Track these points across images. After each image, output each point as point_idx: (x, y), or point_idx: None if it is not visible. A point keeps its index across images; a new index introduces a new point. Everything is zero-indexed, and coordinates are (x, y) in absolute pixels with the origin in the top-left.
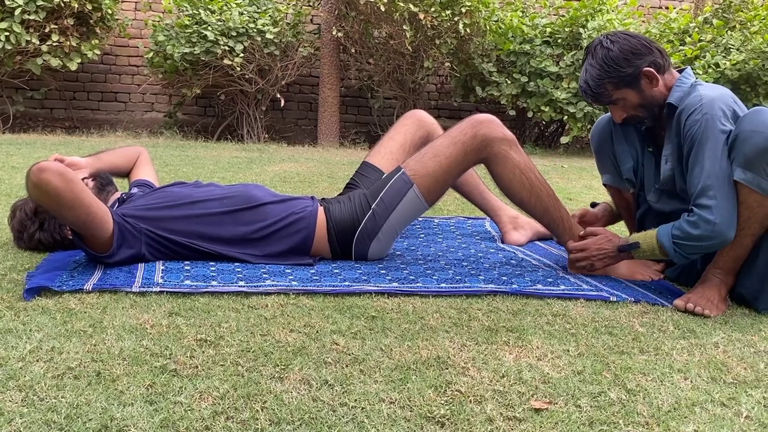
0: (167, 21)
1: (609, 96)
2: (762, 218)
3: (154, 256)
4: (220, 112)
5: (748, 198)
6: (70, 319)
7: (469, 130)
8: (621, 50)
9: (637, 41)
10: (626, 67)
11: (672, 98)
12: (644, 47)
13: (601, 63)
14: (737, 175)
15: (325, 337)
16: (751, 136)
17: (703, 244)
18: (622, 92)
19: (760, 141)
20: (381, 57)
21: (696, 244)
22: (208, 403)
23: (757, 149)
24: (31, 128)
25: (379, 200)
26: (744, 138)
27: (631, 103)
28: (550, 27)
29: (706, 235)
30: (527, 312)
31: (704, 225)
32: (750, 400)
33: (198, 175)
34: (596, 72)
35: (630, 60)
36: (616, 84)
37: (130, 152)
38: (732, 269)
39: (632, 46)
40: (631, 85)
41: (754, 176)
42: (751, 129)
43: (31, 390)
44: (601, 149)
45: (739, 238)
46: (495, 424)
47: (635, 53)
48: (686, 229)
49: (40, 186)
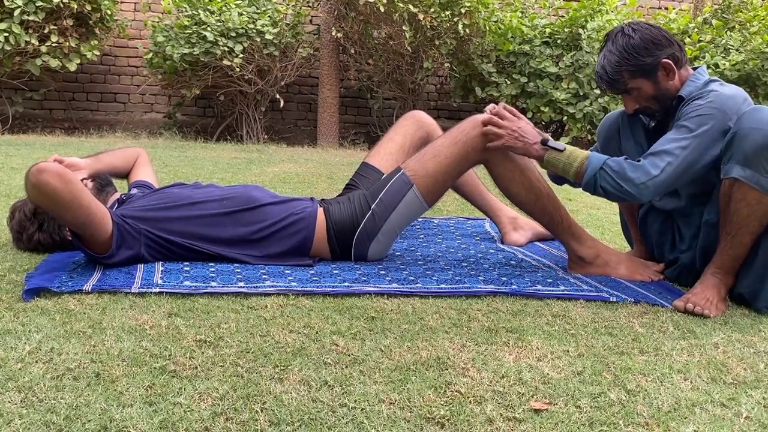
0: (166, 22)
1: (624, 84)
2: (761, 216)
3: (154, 257)
4: (219, 113)
5: (747, 195)
6: (69, 320)
7: (470, 130)
8: (642, 39)
9: (658, 32)
10: (646, 56)
11: (683, 91)
12: (665, 39)
13: (621, 50)
14: (736, 173)
15: (325, 338)
16: (750, 133)
17: (624, 187)
18: (638, 82)
19: (759, 138)
20: (380, 57)
21: (617, 184)
22: (207, 404)
23: (756, 146)
24: (30, 129)
25: (378, 201)
26: (743, 135)
27: (645, 94)
28: (549, 27)
29: (635, 183)
30: (527, 313)
31: (642, 174)
32: (750, 401)
33: (197, 175)
34: (615, 59)
35: (650, 49)
36: (633, 72)
37: (129, 153)
38: (731, 269)
39: (653, 36)
40: (647, 75)
41: (753, 173)
42: (750, 126)
43: (31, 391)
44: (608, 144)
45: (738, 236)
46: (495, 425)
47: (656, 43)
48: (624, 167)
49: (39, 187)
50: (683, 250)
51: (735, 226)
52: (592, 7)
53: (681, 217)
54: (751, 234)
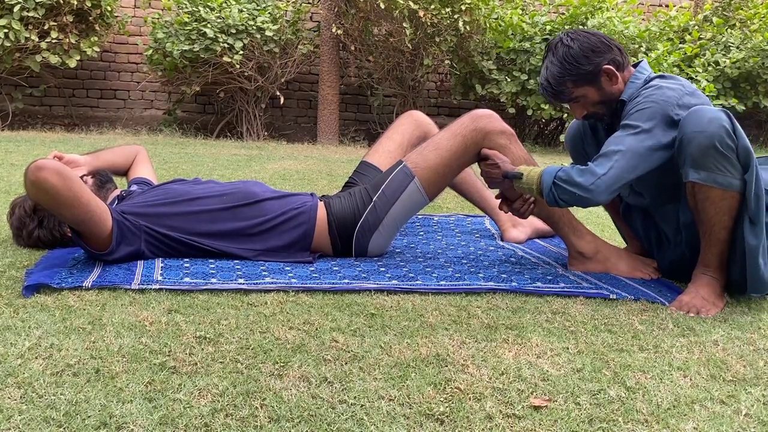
0: (166, 18)
1: (570, 93)
2: (728, 210)
3: (154, 254)
4: (219, 110)
5: (710, 194)
6: (69, 316)
7: (470, 124)
8: (581, 48)
9: (596, 39)
10: (586, 64)
11: (624, 95)
12: (604, 45)
13: (561, 60)
14: (691, 176)
15: (325, 335)
16: (694, 137)
17: (577, 193)
18: (583, 89)
19: (703, 140)
20: (380, 55)
21: (571, 190)
22: (207, 400)
23: (701, 149)
24: (30, 125)
25: (380, 193)
26: (688, 140)
27: (591, 100)
28: (550, 25)
29: (584, 186)
30: (527, 310)
31: (589, 176)
32: (749, 398)
33: (197, 172)
34: (557, 69)
35: (590, 57)
36: (576, 81)
37: (129, 150)
38: (719, 265)
39: (592, 43)
40: (591, 83)
41: (707, 174)
42: (692, 130)
43: (30, 387)
44: (576, 151)
45: (714, 233)
46: (494, 422)
47: (595, 51)
48: (572, 173)
49: (37, 184)
50: (669, 246)
51: (708, 225)
52: (593, 4)
53: (656, 214)
54: (725, 228)
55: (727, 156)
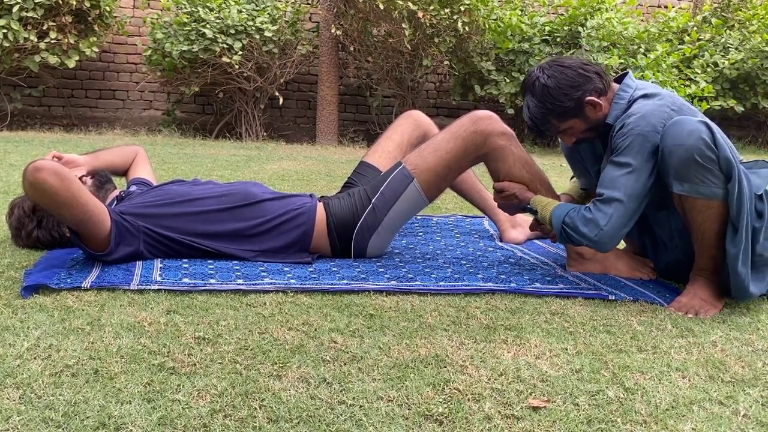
0: (165, 18)
1: (556, 128)
2: (716, 217)
3: (153, 254)
4: (218, 110)
5: (695, 204)
6: (67, 317)
7: (470, 126)
8: (559, 85)
9: (573, 72)
10: (567, 101)
11: (610, 117)
12: (582, 77)
13: (541, 100)
14: (675, 189)
15: (324, 335)
16: (675, 150)
17: (584, 242)
18: (568, 123)
19: (683, 153)
20: (380, 55)
21: (578, 238)
22: (206, 401)
23: (682, 162)
24: (29, 126)
25: (379, 194)
26: (668, 153)
27: (578, 130)
28: (549, 25)
29: (589, 237)
30: (525, 310)
31: (593, 227)
32: (748, 399)
33: (196, 173)
34: (539, 110)
35: (569, 94)
36: (559, 117)
37: (128, 151)
38: (714, 268)
39: (569, 78)
40: (575, 115)
41: (690, 186)
42: (672, 143)
43: (29, 388)
44: (571, 156)
45: (706, 240)
46: (493, 423)
47: (574, 86)
48: (577, 223)
49: (36, 185)
50: (665, 249)
51: (699, 232)
52: (592, 5)
53: (650, 219)
54: (716, 234)
55: (708, 168)
